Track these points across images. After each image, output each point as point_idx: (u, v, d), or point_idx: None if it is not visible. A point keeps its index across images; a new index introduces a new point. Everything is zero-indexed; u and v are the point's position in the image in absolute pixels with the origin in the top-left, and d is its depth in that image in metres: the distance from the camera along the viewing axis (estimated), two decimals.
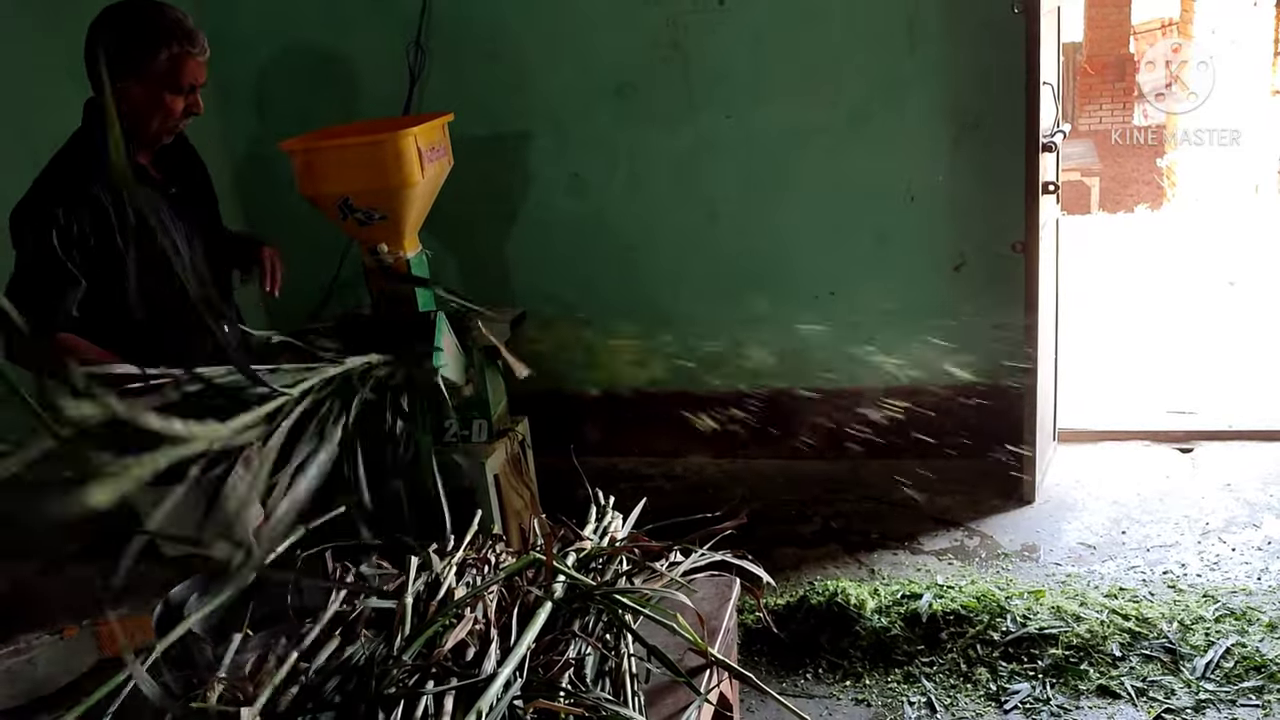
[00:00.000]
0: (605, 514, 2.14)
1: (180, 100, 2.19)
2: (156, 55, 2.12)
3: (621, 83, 3.87)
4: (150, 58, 2.11)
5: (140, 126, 2.19)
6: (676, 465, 4.23)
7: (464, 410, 3.19)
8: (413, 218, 3.05)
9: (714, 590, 2.02)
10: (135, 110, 2.15)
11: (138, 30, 2.12)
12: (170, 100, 2.17)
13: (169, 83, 2.15)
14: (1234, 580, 3.11)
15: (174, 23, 2.15)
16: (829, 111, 3.73)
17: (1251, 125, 8.86)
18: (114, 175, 2.14)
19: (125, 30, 2.12)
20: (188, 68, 2.17)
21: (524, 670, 1.61)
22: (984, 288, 3.76)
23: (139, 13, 2.15)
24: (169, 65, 2.14)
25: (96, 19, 2.15)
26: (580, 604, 1.80)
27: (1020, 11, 3.20)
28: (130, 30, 2.12)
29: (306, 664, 1.70)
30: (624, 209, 4.01)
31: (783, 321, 4.00)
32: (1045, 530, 3.52)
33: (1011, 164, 3.41)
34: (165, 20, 2.14)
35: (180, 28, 2.15)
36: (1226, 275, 6.48)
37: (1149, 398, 4.50)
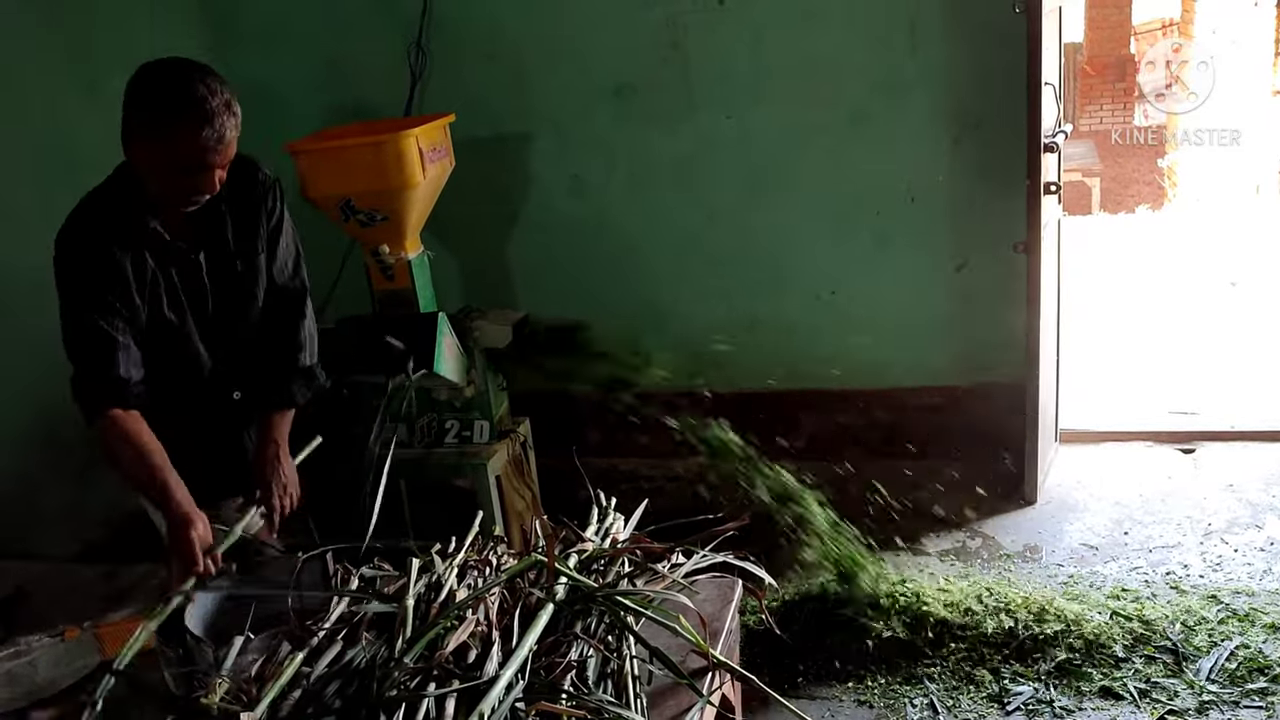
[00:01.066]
0: (607, 515, 2.14)
1: (184, 179, 1.98)
2: (165, 127, 1.93)
3: (621, 83, 3.86)
4: (159, 128, 1.93)
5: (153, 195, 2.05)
6: (677, 466, 4.21)
7: (465, 411, 3.19)
8: (414, 219, 3.06)
9: (716, 592, 2.02)
10: (146, 178, 2.02)
11: (156, 96, 1.94)
12: (176, 177, 1.98)
13: (175, 160, 1.95)
14: (1237, 581, 3.10)
15: (196, 98, 1.91)
16: (829, 111, 3.73)
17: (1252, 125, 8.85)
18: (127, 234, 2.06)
19: (146, 92, 1.96)
20: (196, 149, 1.93)
21: (526, 672, 1.61)
22: (985, 288, 3.76)
23: (166, 77, 1.96)
24: (176, 142, 1.93)
25: (138, 71, 2.00)
26: (582, 606, 1.80)
27: (1021, 12, 3.20)
28: (149, 93, 1.95)
29: (308, 667, 1.70)
30: (624, 210, 4.00)
31: (784, 322, 4.00)
32: (1047, 531, 3.51)
33: (1013, 164, 3.41)
34: (187, 92, 1.92)
35: (201, 107, 1.91)
36: (1228, 276, 6.47)
37: (1150, 398, 4.49)
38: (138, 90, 1.97)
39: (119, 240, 2.06)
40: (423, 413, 3.20)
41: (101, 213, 2.09)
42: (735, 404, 4.11)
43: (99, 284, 2.04)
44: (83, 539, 3.42)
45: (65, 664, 1.94)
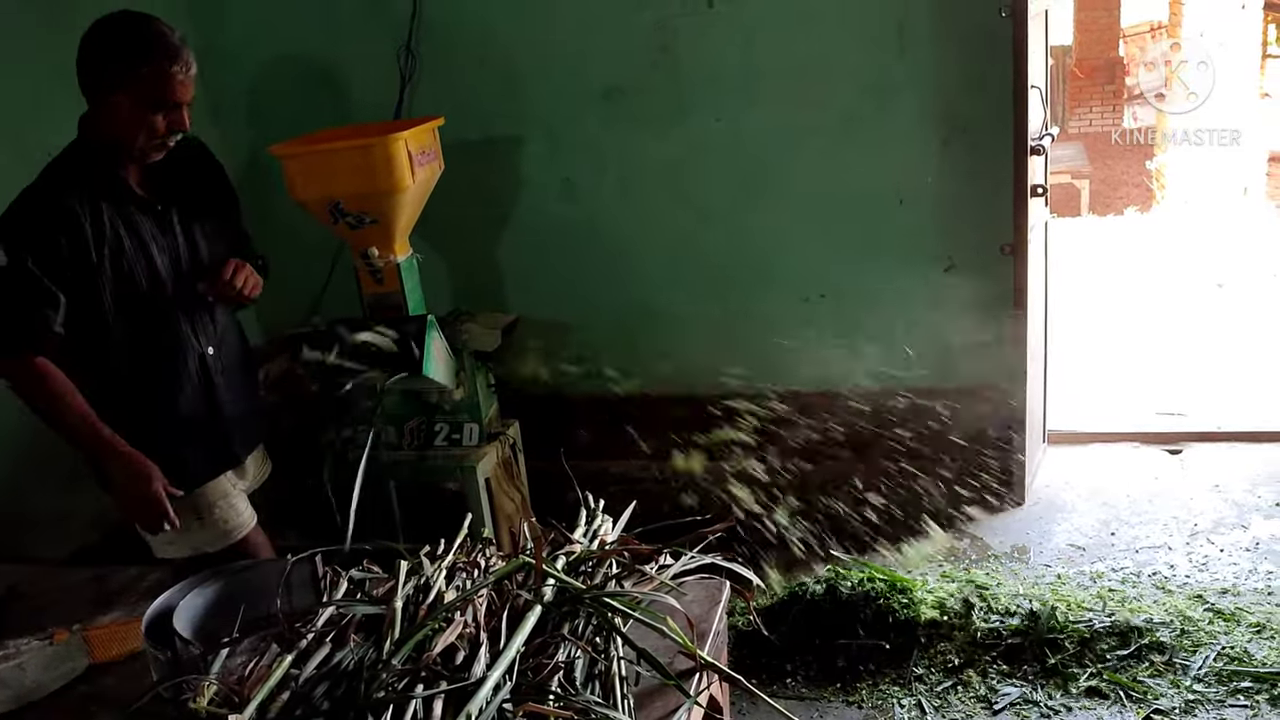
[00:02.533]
0: (595, 517, 2.14)
1: (162, 118, 2.12)
2: (139, 70, 2.07)
3: (611, 86, 3.87)
4: (133, 72, 2.07)
5: (126, 143, 2.15)
6: (667, 468, 4.22)
7: (455, 414, 3.20)
8: (403, 221, 3.06)
9: (704, 593, 2.02)
10: (119, 126, 2.11)
11: (122, 44, 2.08)
12: (152, 117, 2.11)
13: (151, 99, 2.09)
14: (1222, 581, 3.13)
15: (158, 36, 2.09)
16: (819, 114, 3.74)
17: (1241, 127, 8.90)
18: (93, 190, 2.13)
19: (110, 44, 2.08)
20: (170, 84, 2.10)
21: (514, 673, 1.61)
22: (973, 290, 3.77)
23: (125, 27, 2.11)
24: (151, 81, 2.08)
25: (87, 31, 2.12)
26: (570, 607, 1.80)
27: (1008, 16, 3.22)
28: (115, 44, 2.08)
29: (297, 669, 1.70)
30: (615, 212, 4.00)
31: (773, 323, 4.00)
32: (1035, 532, 3.53)
33: (1000, 167, 3.42)
34: (149, 34, 2.09)
35: (164, 42, 2.09)
36: (1215, 277, 6.51)
37: (1138, 399, 4.52)
38: (104, 42, 2.08)
39: (78, 197, 2.12)
40: (412, 415, 3.21)
41: (60, 174, 2.15)
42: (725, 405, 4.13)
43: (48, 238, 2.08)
44: (72, 542, 3.41)
45: (54, 667, 1.94)
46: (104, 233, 2.13)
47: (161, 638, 1.81)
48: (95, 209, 2.12)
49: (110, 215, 2.14)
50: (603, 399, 4.24)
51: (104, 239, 2.13)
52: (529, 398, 3.87)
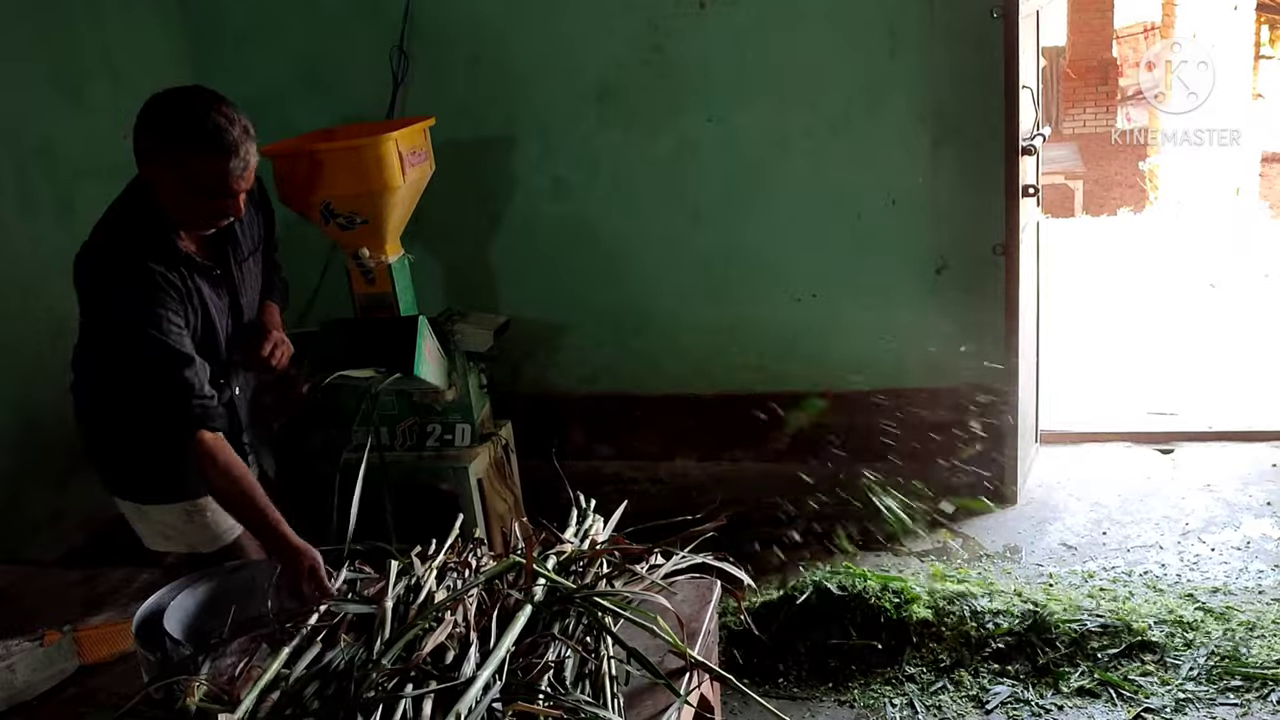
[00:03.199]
0: (586, 517, 2.15)
1: (209, 204, 2.02)
2: (187, 158, 1.95)
3: (604, 86, 3.88)
4: (180, 158, 1.96)
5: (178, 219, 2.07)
6: (660, 468, 4.23)
7: (447, 415, 3.20)
8: (394, 222, 3.06)
9: (694, 593, 2.02)
10: (168, 204, 2.03)
11: (177, 130, 1.96)
12: (201, 204, 2.01)
13: (202, 189, 1.98)
14: (1213, 580, 3.13)
15: (215, 131, 1.94)
16: (811, 115, 3.75)
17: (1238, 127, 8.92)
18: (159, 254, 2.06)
19: (166, 126, 1.97)
20: (224, 180, 1.97)
21: (503, 673, 1.61)
22: (965, 290, 3.78)
23: (182, 109, 1.98)
24: (198, 171, 1.96)
25: (150, 100, 2.01)
26: (560, 607, 1.80)
27: (999, 16, 3.22)
28: (168, 125, 1.97)
29: (288, 669, 1.70)
30: (607, 212, 4.01)
31: (765, 324, 4.01)
32: (1027, 531, 3.54)
33: (992, 167, 3.43)
34: (207, 127, 1.94)
35: (221, 138, 1.94)
36: (1207, 277, 6.52)
37: (1130, 399, 4.53)
38: (156, 123, 1.97)
39: (155, 257, 2.04)
40: (405, 416, 3.20)
41: (132, 232, 2.07)
42: (717, 405, 4.14)
43: (154, 302, 2.02)
44: (63, 543, 3.41)
45: (44, 668, 1.93)
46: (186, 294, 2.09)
47: (152, 638, 1.81)
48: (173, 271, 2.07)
49: (180, 277, 2.08)
50: (595, 399, 4.24)
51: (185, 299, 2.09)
52: (521, 398, 3.87)
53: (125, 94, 3.72)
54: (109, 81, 3.69)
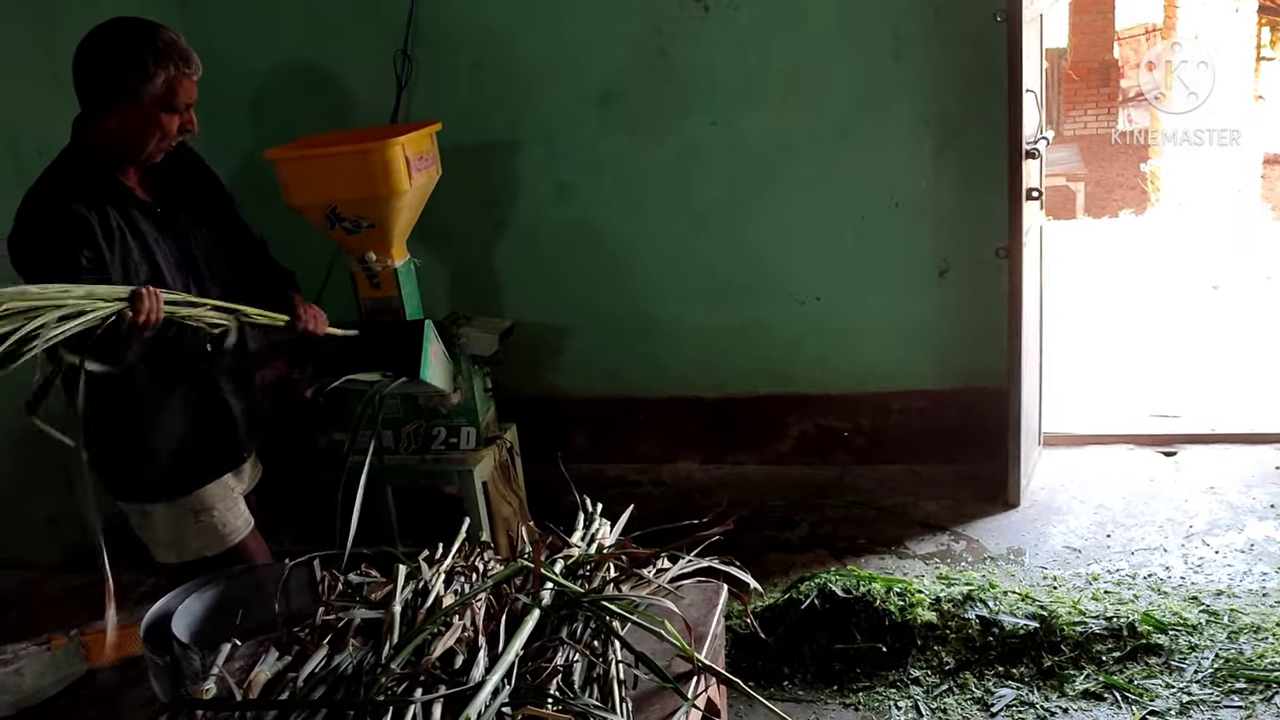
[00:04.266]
0: (593, 521, 2.15)
1: (175, 119, 2.16)
2: (152, 78, 2.08)
3: (608, 90, 3.88)
4: (146, 80, 2.08)
5: (135, 148, 2.16)
6: (664, 471, 4.23)
7: (452, 418, 3.20)
8: (401, 226, 3.07)
9: (701, 596, 2.03)
10: (129, 131, 2.13)
11: (132, 52, 2.08)
12: (166, 120, 2.14)
13: (165, 104, 2.12)
14: (1217, 583, 3.13)
15: (169, 44, 2.11)
16: (814, 118, 3.75)
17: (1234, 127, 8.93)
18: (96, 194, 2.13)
19: (119, 51, 2.08)
20: (183, 88, 2.14)
21: (512, 677, 1.62)
22: (968, 293, 3.79)
23: (133, 33, 2.12)
24: (165, 88, 2.11)
25: (87, 37, 2.12)
26: (568, 611, 1.81)
27: (1002, 20, 3.22)
28: (124, 52, 2.08)
29: (294, 673, 1.70)
30: (611, 216, 4.02)
31: (769, 326, 4.02)
32: (1031, 534, 3.54)
33: (995, 170, 3.43)
34: (160, 41, 2.10)
35: (175, 48, 2.12)
36: (1210, 279, 6.52)
37: (1133, 401, 4.53)
38: (110, 49, 2.09)
39: (85, 202, 2.11)
40: (409, 419, 3.21)
41: (62, 178, 2.15)
42: (721, 408, 4.15)
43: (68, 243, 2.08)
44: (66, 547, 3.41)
45: (51, 672, 1.94)
46: (112, 236, 2.14)
47: (160, 642, 1.82)
48: (102, 213, 2.12)
49: (116, 218, 2.15)
50: (599, 402, 4.25)
51: (113, 242, 2.14)
52: (526, 401, 3.88)
53: None
54: None
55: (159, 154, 2.21)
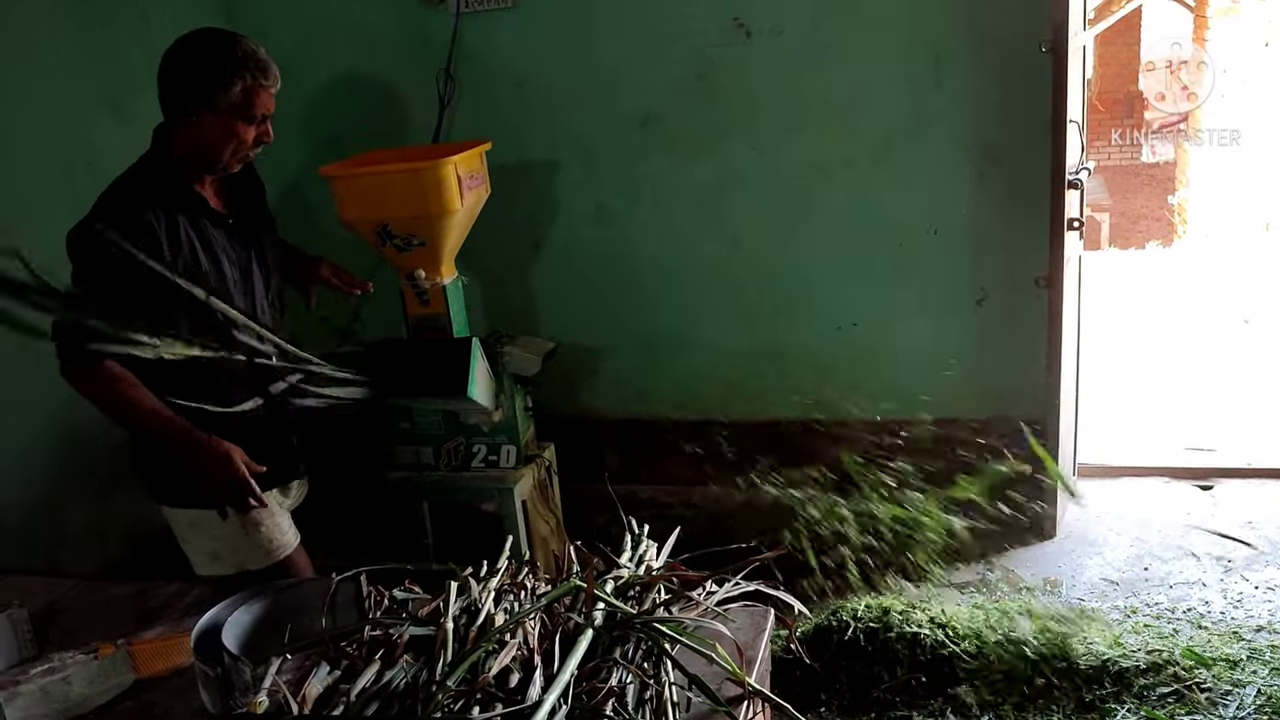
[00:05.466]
0: (640, 542, 2.15)
1: (253, 130, 2.19)
2: (231, 87, 2.13)
3: (648, 113, 3.90)
4: (225, 89, 2.12)
5: (211, 157, 2.20)
6: (695, 494, 4.22)
7: (493, 436, 3.21)
8: (450, 244, 3.08)
9: (749, 620, 2.02)
10: (207, 141, 2.16)
11: (213, 62, 2.13)
12: (243, 130, 2.18)
13: (243, 114, 2.16)
14: (1258, 618, 3.10)
15: (248, 54, 2.16)
16: (854, 144, 3.76)
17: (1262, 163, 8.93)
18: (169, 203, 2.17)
19: (199, 59, 2.13)
20: (260, 99, 2.18)
21: (568, 697, 1.61)
22: (1005, 322, 3.78)
23: (215, 44, 2.16)
24: (243, 97, 2.15)
25: (172, 48, 2.17)
26: (620, 632, 1.80)
27: (1048, 51, 3.23)
28: (205, 61, 2.13)
29: (346, 686, 1.70)
30: (648, 238, 4.03)
31: (804, 351, 4.01)
32: (1067, 565, 3.51)
33: (1035, 199, 3.44)
34: (240, 52, 2.15)
35: (254, 59, 2.16)
36: (1241, 313, 6.49)
37: (1167, 434, 4.50)
38: (192, 60, 2.13)
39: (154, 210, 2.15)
40: (450, 436, 3.22)
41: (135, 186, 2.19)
42: (757, 433, 4.13)
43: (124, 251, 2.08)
44: (105, 557, 3.43)
45: (99, 682, 1.93)
46: (180, 245, 2.16)
47: (210, 653, 1.82)
48: (171, 221, 2.16)
49: (186, 228, 2.18)
50: (632, 423, 4.25)
51: (180, 251, 2.16)
52: (562, 420, 3.88)
53: None
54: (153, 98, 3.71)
55: (235, 164, 2.25)
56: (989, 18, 3.51)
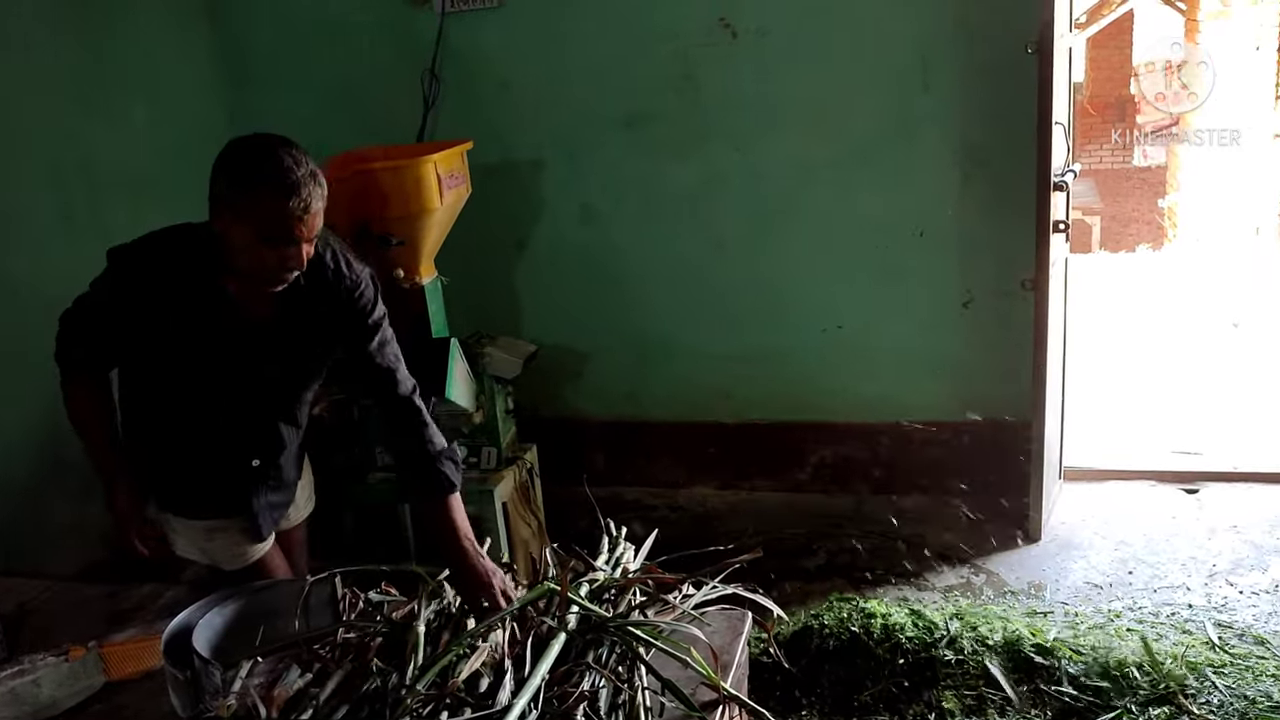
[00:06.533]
0: (617, 545, 2.14)
1: (270, 253, 1.94)
2: (246, 199, 1.91)
3: (633, 114, 3.89)
4: (241, 201, 1.92)
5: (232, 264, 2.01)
6: (680, 496, 4.21)
7: (473, 437, 3.19)
8: (430, 244, 3.07)
9: (726, 624, 2.00)
10: (228, 247, 1.98)
11: (239, 169, 1.94)
12: (263, 250, 1.94)
13: (260, 232, 1.92)
14: (1242, 623, 3.09)
15: (277, 167, 1.90)
16: (840, 146, 3.75)
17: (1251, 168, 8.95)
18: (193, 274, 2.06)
19: (230, 165, 1.95)
20: (281, 221, 1.91)
21: (539, 702, 1.60)
22: (991, 324, 3.77)
23: (249, 152, 1.95)
24: (260, 214, 1.90)
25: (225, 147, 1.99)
26: (594, 635, 1.79)
27: (1033, 52, 3.22)
28: (233, 167, 1.94)
29: (317, 690, 1.69)
30: (633, 239, 4.02)
31: (789, 353, 4.00)
32: (1052, 569, 3.50)
33: (1021, 202, 3.42)
34: (269, 164, 1.91)
35: (282, 176, 1.89)
36: (1229, 317, 6.50)
37: (1154, 438, 4.50)
38: (225, 163, 1.96)
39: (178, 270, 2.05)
40: None
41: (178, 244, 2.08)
42: (739, 434, 4.13)
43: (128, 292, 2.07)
44: (83, 558, 3.40)
45: (69, 684, 1.92)
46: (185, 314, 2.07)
47: (181, 657, 1.80)
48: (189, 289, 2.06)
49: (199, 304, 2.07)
50: (617, 425, 4.23)
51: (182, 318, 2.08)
52: (544, 422, 3.86)
53: (157, 112, 3.77)
54: (142, 100, 3.72)
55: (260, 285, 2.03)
56: (976, 19, 3.50)
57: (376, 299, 2.24)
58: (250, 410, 2.24)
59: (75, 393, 2.18)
